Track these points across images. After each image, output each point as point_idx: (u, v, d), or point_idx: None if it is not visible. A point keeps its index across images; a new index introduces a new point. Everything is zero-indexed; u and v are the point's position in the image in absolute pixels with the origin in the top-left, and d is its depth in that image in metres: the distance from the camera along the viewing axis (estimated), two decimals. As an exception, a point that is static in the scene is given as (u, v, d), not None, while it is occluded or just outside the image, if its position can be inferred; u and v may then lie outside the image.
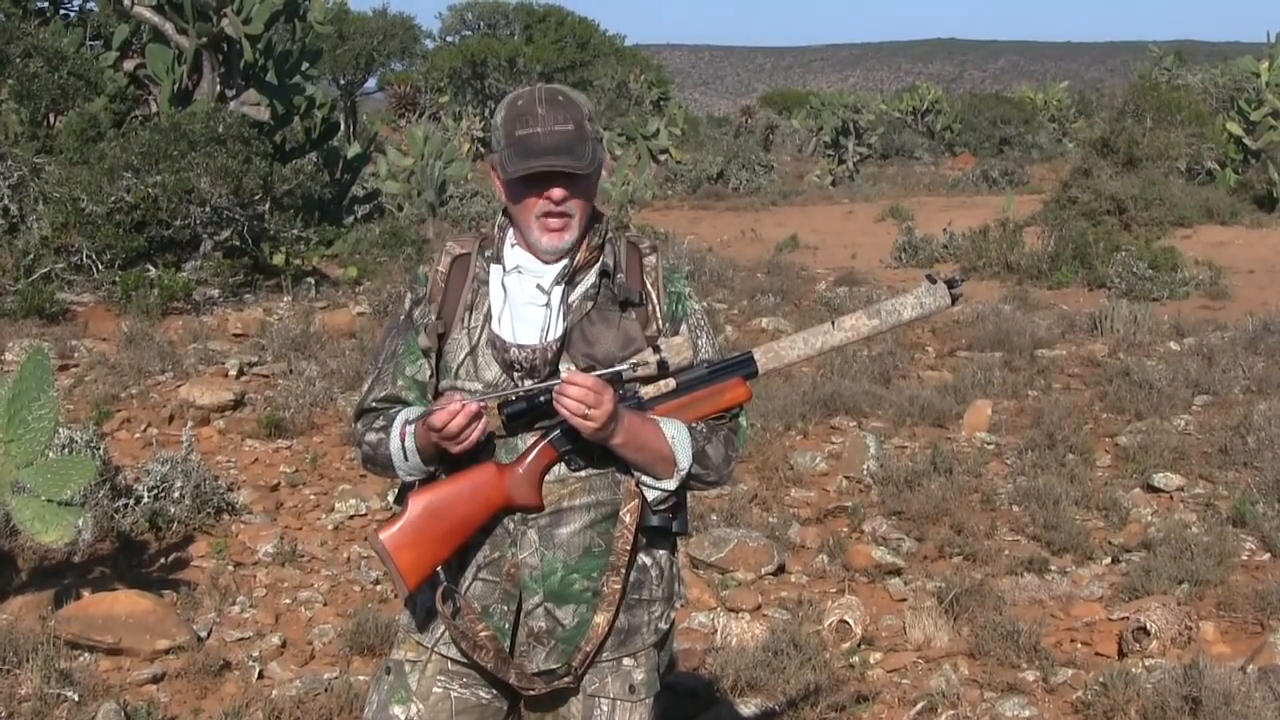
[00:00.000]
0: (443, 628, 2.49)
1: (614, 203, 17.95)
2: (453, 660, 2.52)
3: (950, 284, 2.54)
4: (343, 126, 21.98)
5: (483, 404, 2.35)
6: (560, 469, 2.43)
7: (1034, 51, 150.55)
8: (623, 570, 2.45)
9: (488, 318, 2.47)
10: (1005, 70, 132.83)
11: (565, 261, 2.45)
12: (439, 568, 2.45)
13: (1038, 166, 31.52)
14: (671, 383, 2.45)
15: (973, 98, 49.09)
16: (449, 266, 2.52)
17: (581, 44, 54.67)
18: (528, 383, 2.40)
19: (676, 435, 2.42)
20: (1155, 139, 20.77)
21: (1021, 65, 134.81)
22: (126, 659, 4.71)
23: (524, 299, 2.45)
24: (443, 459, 2.42)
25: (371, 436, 2.51)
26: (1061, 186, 20.19)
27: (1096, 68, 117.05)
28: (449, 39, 56.11)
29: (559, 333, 2.43)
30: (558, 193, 2.38)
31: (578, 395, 2.29)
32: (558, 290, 2.44)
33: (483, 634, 2.46)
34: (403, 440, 2.43)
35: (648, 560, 2.53)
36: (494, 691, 2.54)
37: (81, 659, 4.68)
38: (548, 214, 2.40)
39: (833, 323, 2.54)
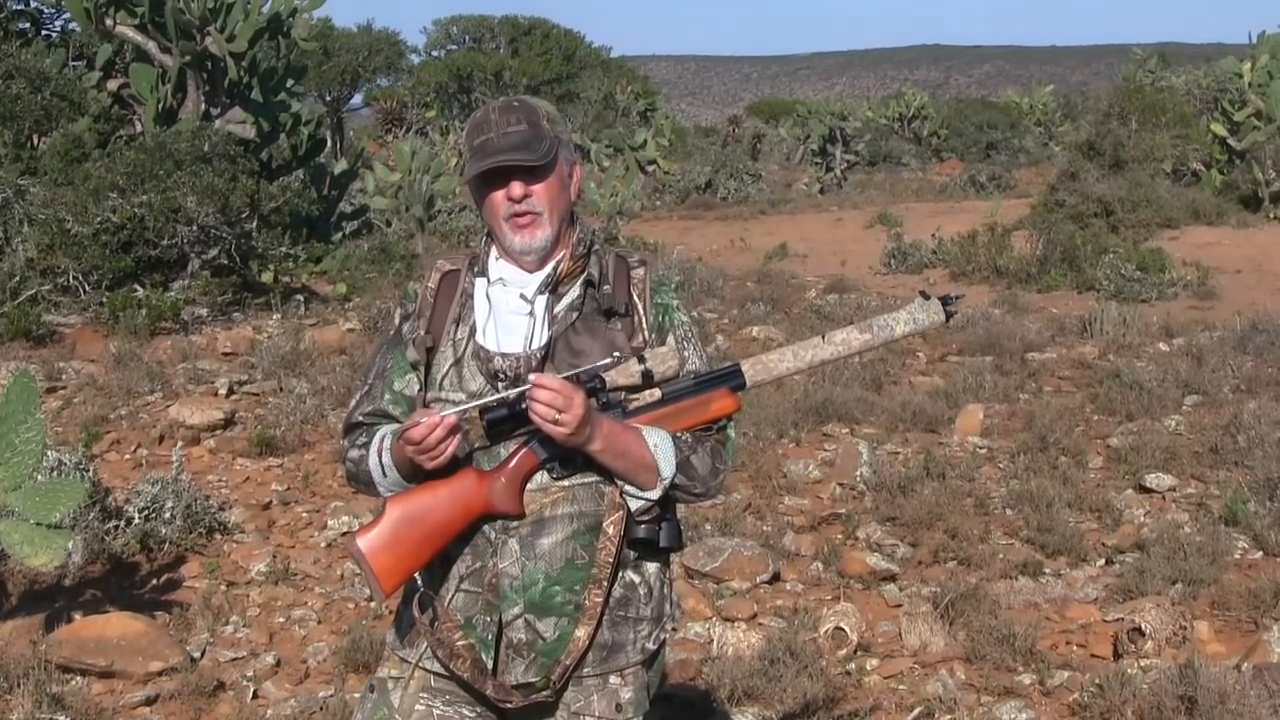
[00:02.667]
0: (426, 643, 2.46)
1: (602, 214, 17.95)
2: (436, 675, 2.49)
3: (945, 301, 2.51)
4: (329, 143, 21.96)
5: (460, 417, 2.33)
6: (542, 477, 2.40)
7: (1019, 56, 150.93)
8: (605, 583, 2.42)
9: (473, 330, 2.47)
10: (991, 75, 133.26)
11: (548, 270, 2.45)
12: (417, 574, 2.43)
13: (1025, 171, 31.59)
14: (657, 393, 2.42)
15: (959, 103, 49.31)
16: (438, 282, 2.53)
17: (567, 56, 54.76)
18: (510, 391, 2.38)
19: (659, 443, 2.39)
20: (1141, 141, 20.86)
21: (1007, 70, 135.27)
22: (119, 682, 4.68)
23: (508, 309, 2.45)
24: (424, 476, 2.40)
25: (354, 453, 2.50)
26: (1049, 190, 20.27)
27: (1081, 71, 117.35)
28: (435, 54, 56.18)
29: (543, 341, 2.42)
30: (517, 188, 2.40)
31: (547, 399, 2.26)
32: (541, 300, 2.44)
33: (460, 643, 2.43)
34: (380, 455, 2.42)
35: (636, 578, 2.49)
36: (478, 709, 2.50)
37: (74, 683, 4.65)
38: (514, 214, 2.41)
39: (823, 336, 2.51)
